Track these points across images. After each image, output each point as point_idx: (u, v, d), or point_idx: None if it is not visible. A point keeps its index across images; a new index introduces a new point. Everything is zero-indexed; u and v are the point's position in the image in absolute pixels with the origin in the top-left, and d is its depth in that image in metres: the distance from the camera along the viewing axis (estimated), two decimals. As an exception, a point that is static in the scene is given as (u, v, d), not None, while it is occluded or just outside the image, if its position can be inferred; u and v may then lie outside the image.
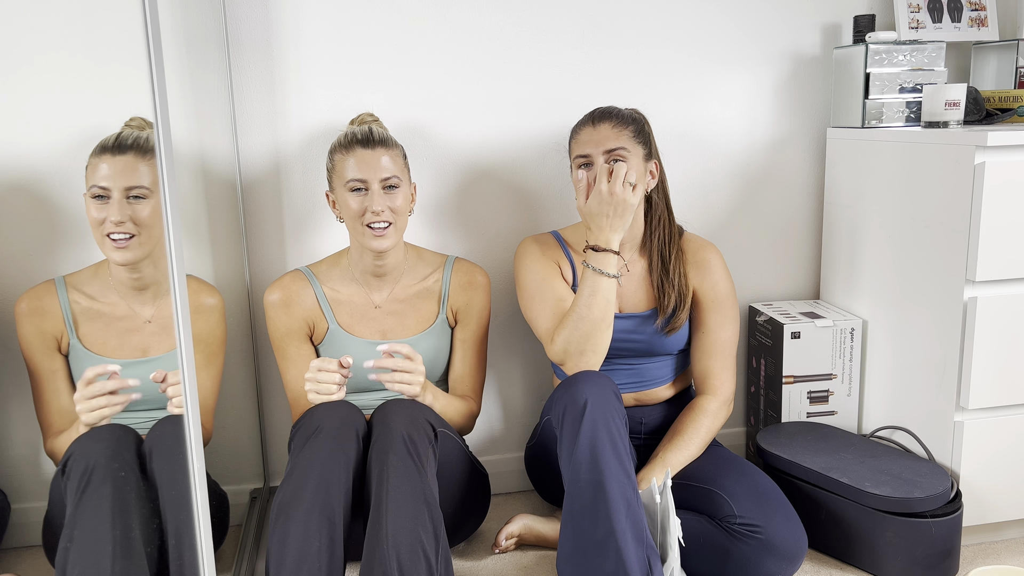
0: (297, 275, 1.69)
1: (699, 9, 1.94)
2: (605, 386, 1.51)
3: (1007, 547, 1.75)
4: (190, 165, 1.77)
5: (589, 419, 1.46)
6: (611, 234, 1.59)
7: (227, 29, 1.76)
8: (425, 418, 1.50)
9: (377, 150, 1.60)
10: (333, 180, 1.63)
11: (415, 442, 1.45)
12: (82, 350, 1.59)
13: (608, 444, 1.45)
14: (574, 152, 1.68)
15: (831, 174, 2.03)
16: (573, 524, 1.44)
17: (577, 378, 1.52)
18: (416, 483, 1.41)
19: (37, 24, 1.67)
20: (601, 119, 1.65)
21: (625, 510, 1.41)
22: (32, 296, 1.58)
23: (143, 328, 1.61)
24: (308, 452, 1.43)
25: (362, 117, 1.73)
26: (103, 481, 1.34)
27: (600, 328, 1.60)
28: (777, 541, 1.51)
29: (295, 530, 1.35)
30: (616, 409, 1.50)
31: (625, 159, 1.62)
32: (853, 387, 1.96)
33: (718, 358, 1.73)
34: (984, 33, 1.99)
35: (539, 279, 1.71)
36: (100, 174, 1.50)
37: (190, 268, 1.80)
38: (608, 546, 1.38)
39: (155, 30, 0.89)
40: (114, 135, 1.53)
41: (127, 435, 1.41)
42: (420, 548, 1.35)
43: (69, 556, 1.30)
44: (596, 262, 1.59)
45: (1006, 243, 1.61)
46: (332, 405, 1.51)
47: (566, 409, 1.49)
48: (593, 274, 1.59)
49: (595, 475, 1.43)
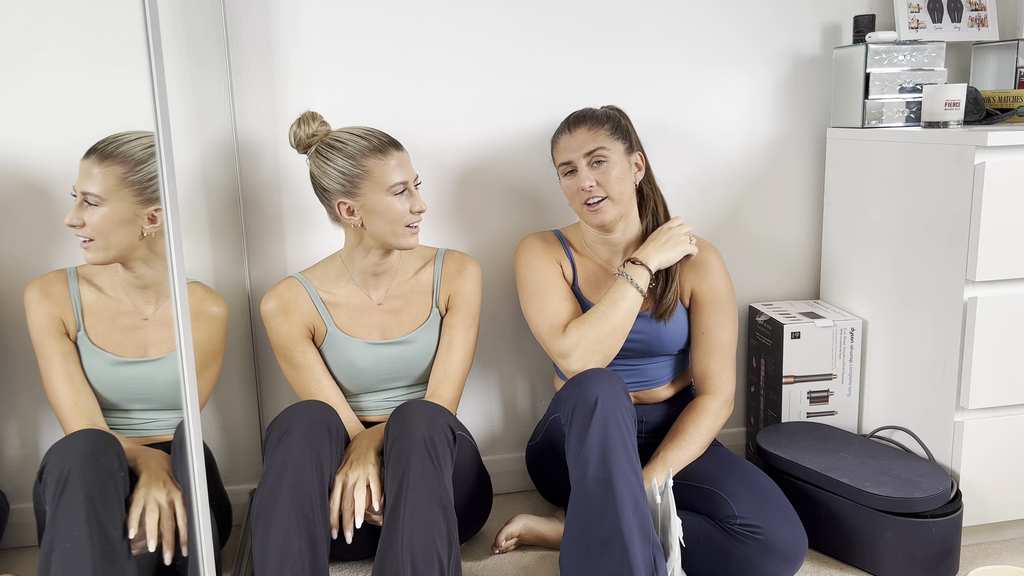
0: (292, 282, 1.69)
1: (699, 9, 1.94)
2: (616, 384, 1.51)
3: (1007, 547, 1.75)
4: (190, 166, 1.78)
5: (600, 416, 1.46)
6: (655, 255, 1.66)
7: (227, 29, 1.76)
8: (445, 421, 1.50)
9: (404, 152, 1.61)
10: (362, 186, 1.56)
11: (435, 444, 1.45)
12: (88, 342, 1.59)
13: (619, 442, 1.45)
14: (557, 161, 1.70)
15: (831, 174, 2.03)
16: (578, 521, 1.43)
17: (588, 376, 1.53)
18: (434, 486, 1.41)
19: (37, 23, 1.67)
20: (576, 124, 1.67)
21: (633, 508, 1.41)
22: (44, 283, 1.59)
23: (144, 326, 1.62)
24: (280, 453, 1.44)
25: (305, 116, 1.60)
26: (79, 487, 1.33)
27: (617, 333, 1.62)
28: (777, 542, 1.51)
29: (275, 531, 1.36)
30: (627, 408, 1.50)
31: (606, 158, 1.64)
32: (853, 387, 1.96)
33: (718, 358, 1.73)
34: (984, 33, 1.99)
35: (542, 276, 1.71)
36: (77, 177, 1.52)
37: (192, 271, 1.81)
38: (614, 544, 1.38)
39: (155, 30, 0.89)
40: (101, 140, 1.54)
41: (103, 440, 1.41)
42: (434, 551, 1.36)
43: (51, 563, 1.30)
44: (632, 272, 1.65)
45: (1006, 243, 1.61)
46: (302, 404, 1.52)
47: (576, 406, 1.49)
48: (624, 282, 1.64)
49: (604, 472, 1.43)
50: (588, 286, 1.75)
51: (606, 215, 1.65)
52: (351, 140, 1.58)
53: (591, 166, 1.64)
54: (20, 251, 1.74)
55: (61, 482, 1.34)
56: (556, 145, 1.70)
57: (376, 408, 1.74)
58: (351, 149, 1.57)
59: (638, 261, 1.66)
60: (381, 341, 1.69)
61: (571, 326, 1.65)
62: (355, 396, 1.73)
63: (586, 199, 1.64)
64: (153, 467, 1.47)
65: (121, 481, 1.39)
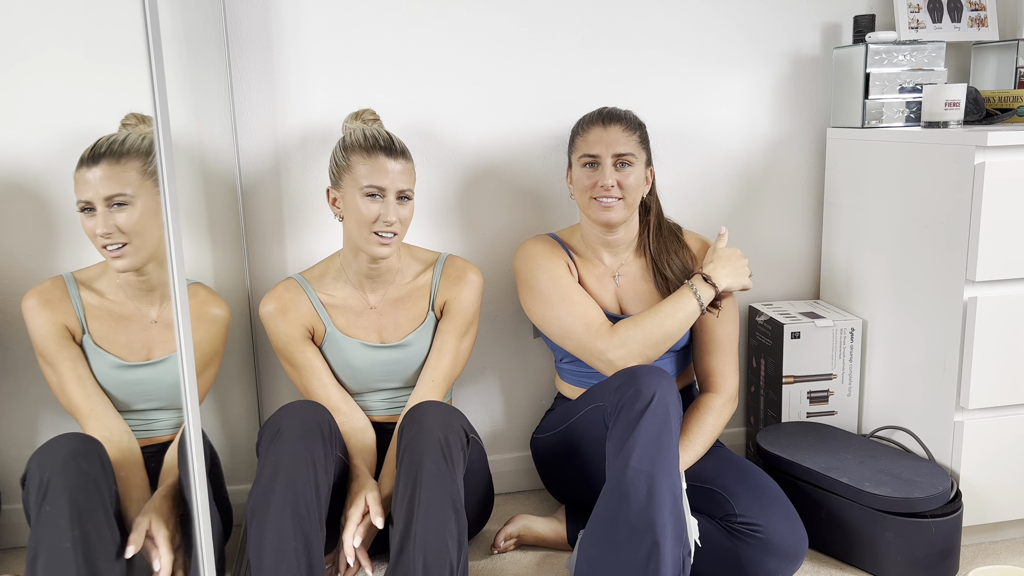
0: (290, 283, 1.69)
1: (699, 10, 1.94)
2: (672, 384, 1.51)
3: (1007, 547, 1.76)
4: (190, 165, 1.77)
5: (653, 412, 1.45)
6: (725, 278, 1.67)
7: (227, 29, 1.76)
8: (460, 423, 1.50)
9: (399, 160, 1.59)
10: (343, 179, 1.60)
11: (450, 446, 1.45)
12: (93, 346, 1.59)
13: (668, 441, 1.45)
14: (581, 150, 1.68)
15: (831, 174, 2.03)
16: (610, 508, 1.43)
17: (643, 370, 1.51)
18: (448, 488, 1.41)
19: (37, 22, 1.67)
20: (612, 120, 1.66)
21: (671, 507, 1.41)
22: (42, 291, 1.58)
23: (150, 328, 1.62)
24: (273, 454, 1.43)
25: (364, 115, 1.70)
26: (60, 492, 1.32)
27: (667, 342, 1.63)
28: (777, 540, 1.51)
29: (269, 532, 1.36)
30: (677, 411, 1.50)
31: (632, 163, 1.64)
32: (853, 387, 1.96)
33: (720, 355, 1.73)
34: (984, 33, 1.99)
35: (557, 275, 1.70)
36: (81, 188, 1.49)
37: (192, 272, 1.80)
38: (645, 538, 1.38)
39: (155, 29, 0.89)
40: (90, 146, 1.52)
41: (85, 444, 1.39)
42: (446, 554, 1.36)
43: (36, 570, 1.29)
44: (699, 286, 1.65)
45: (1006, 243, 1.61)
46: (295, 405, 1.52)
47: (630, 398, 1.48)
48: (689, 293, 1.65)
49: (648, 466, 1.42)
50: (591, 288, 1.75)
51: (615, 215, 1.65)
52: (352, 134, 1.62)
53: (616, 167, 1.64)
54: (19, 251, 1.74)
55: (42, 489, 1.33)
56: (585, 135, 1.68)
57: (376, 408, 1.74)
58: (347, 142, 1.62)
59: (709, 279, 1.65)
60: (378, 344, 1.69)
61: (622, 326, 1.63)
62: (357, 395, 1.73)
63: (600, 195, 1.64)
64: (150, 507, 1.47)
65: (105, 486, 1.38)
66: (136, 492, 1.53)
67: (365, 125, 1.65)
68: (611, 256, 1.75)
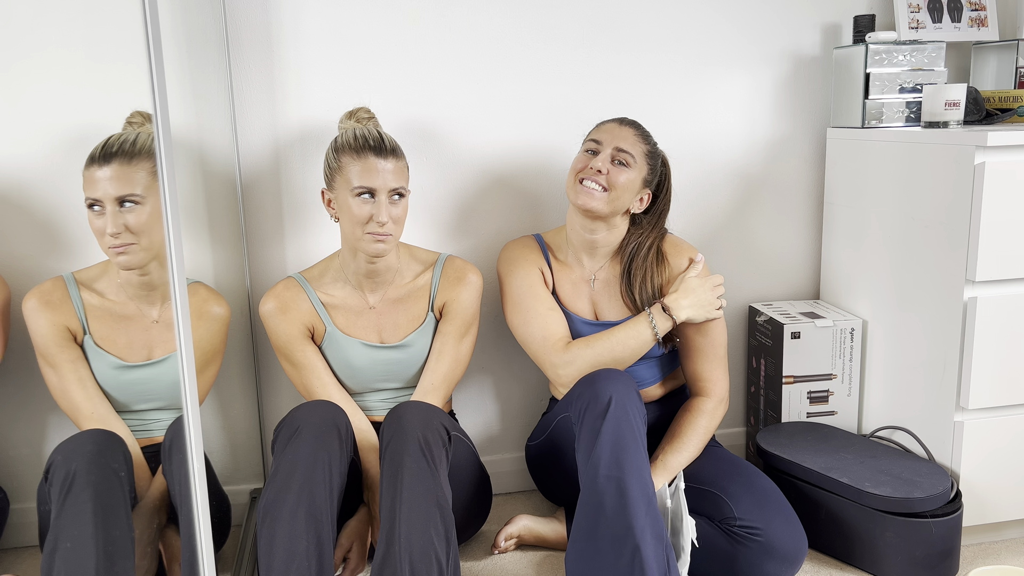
0: (290, 282, 1.69)
1: (699, 10, 1.94)
2: (628, 384, 1.51)
3: (1007, 547, 1.75)
4: (190, 165, 1.77)
5: (613, 416, 1.46)
6: (686, 310, 1.64)
7: (227, 29, 1.76)
8: (440, 421, 1.50)
9: (389, 160, 1.58)
10: (336, 180, 1.60)
11: (430, 444, 1.45)
12: (94, 347, 1.59)
13: (632, 441, 1.45)
14: (590, 137, 1.69)
15: (831, 174, 2.03)
16: (588, 519, 1.43)
17: (600, 375, 1.52)
18: (430, 485, 1.41)
19: (37, 22, 1.67)
20: (629, 124, 1.69)
21: (646, 507, 1.41)
22: (42, 291, 1.58)
23: (151, 328, 1.62)
24: (290, 453, 1.43)
25: (359, 113, 1.70)
26: (84, 486, 1.33)
27: (616, 365, 1.64)
28: (777, 543, 1.51)
29: (282, 531, 1.36)
30: (638, 408, 1.50)
31: (628, 164, 1.64)
32: (853, 387, 1.96)
33: (707, 360, 1.72)
34: (984, 33, 1.99)
35: (526, 284, 1.71)
36: (91, 186, 1.49)
37: (192, 271, 1.81)
38: (626, 543, 1.38)
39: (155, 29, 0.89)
40: (100, 144, 1.52)
41: (109, 440, 1.41)
42: (432, 551, 1.35)
43: (54, 562, 1.29)
44: (657, 317, 1.64)
45: (1006, 243, 1.61)
46: (312, 404, 1.51)
47: (588, 405, 1.49)
48: (645, 322, 1.65)
49: (617, 471, 1.42)
50: (566, 294, 1.74)
51: (594, 202, 1.62)
52: (343, 135, 1.62)
53: (613, 161, 1.64)
54: (19, 251, 1.74)
55: (67, 482, 1.34)
56: (600, 127, 1.70)
57: (375, 408, 1.74)
58: (338, 143, 1.61)
59: (668, 310, 1.64)
60: (378, 344, 1.69)
61: (575, 345, 1.65)
62: (357, 395, 1.73)
63: (588, 176, 1.63)
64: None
65: (126, 482, 1.39)
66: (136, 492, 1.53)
67: (358, 124, 1.65)
68: (590, 259, 1.74)
